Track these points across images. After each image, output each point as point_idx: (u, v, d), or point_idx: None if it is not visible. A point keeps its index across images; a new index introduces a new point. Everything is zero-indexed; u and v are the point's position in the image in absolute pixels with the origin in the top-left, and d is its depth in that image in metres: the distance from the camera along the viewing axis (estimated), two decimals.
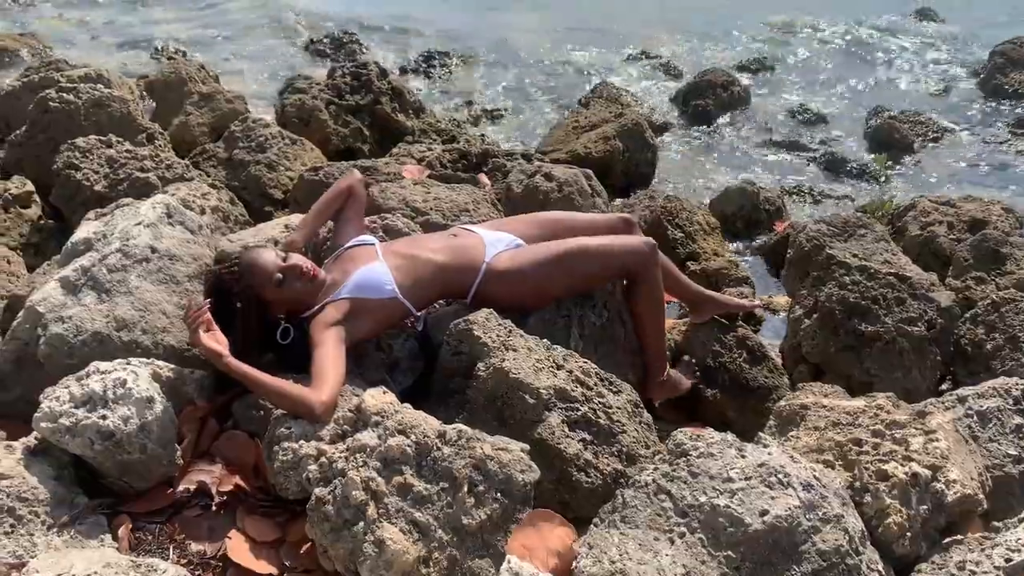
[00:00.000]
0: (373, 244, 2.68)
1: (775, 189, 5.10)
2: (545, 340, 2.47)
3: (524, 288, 2.62)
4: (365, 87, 5.18)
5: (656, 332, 2.74)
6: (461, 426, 2.03)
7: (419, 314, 2.61)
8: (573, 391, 2.33)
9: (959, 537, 2.12)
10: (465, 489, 1.92)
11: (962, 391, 2.55)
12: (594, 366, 2.46)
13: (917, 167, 5.94)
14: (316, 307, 2.47)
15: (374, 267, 2.53)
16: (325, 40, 7.98)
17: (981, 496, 2.18)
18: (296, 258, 2.47)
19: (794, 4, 9.87)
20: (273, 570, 2.00)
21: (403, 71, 7.28)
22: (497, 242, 2.70)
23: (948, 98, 7.30)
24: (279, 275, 2.42)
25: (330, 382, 2.18)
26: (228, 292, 2.40)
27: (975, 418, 2.44)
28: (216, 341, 2.22)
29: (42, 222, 3.74)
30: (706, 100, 6.63)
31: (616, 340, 2.76)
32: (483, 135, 5.81)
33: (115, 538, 2.00)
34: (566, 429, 2.26)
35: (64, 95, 4.04)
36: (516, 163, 4.38)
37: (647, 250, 2.66)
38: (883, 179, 5.69)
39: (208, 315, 2.24)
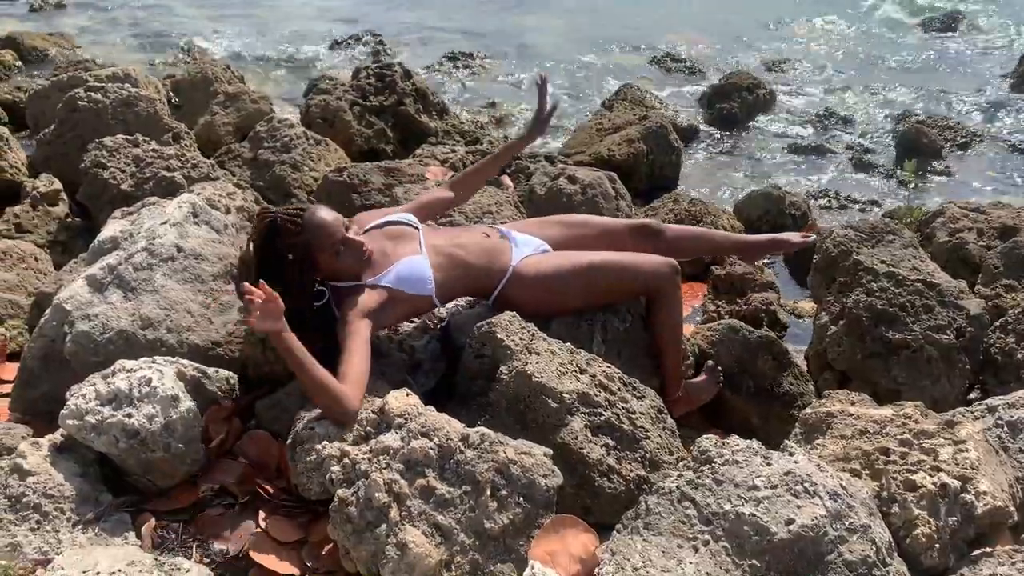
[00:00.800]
0: (417, 230, 2.65)
1: (801, 193, 5.05)
2: (568, 344, 2.46)
3: (546, 295, 2.62)
4: (389, 88, 5.18)
5: (674, 351, 2.72)
6: (484, 430, 2.03)
7: (442, 309, 2.61)
8: (596, 396, 2.31)
9: (988, 550, 2.08)
10: (488, 493, 1.91)
11: (992, 400, 2.51)
12: (617, 371, 2.44)
13: (946, 172, 5.87)
14: (353, 283, 2.45)
15: (418, 261, 2.51)
16: (350, 41, 8.01)
17: (1012, 508, 2.14)
18: (356, 233, 2.44)
19: (821, 8, 9.79)
20: (295, 571, 2.00)
21: (427, 71, 7.29)
22: (525, 245, 2.69)
23: (977, 103, 7.21)
24: (341, 246, 2.39)
25: (361, 383, 2.17)
26: (282, 240, 2.35)
27: (1005, 428, 2.40)
28: (273, 312, 2.09)
29: (69, 220, 3.79)
30: (731, 103, 6.59)
31: (639, 345, 2.74)
32: (506, 137, 5.80)
33: (139, 536, 2.01)
34: (589, 434, 2.24)
35: (92, 94, 4.09)
36: (539, 165, 4.37)
37: (669, 271, 2.65)
38: (911, 185, 5.62)
39: (262, 296, 2.08)
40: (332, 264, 2.40)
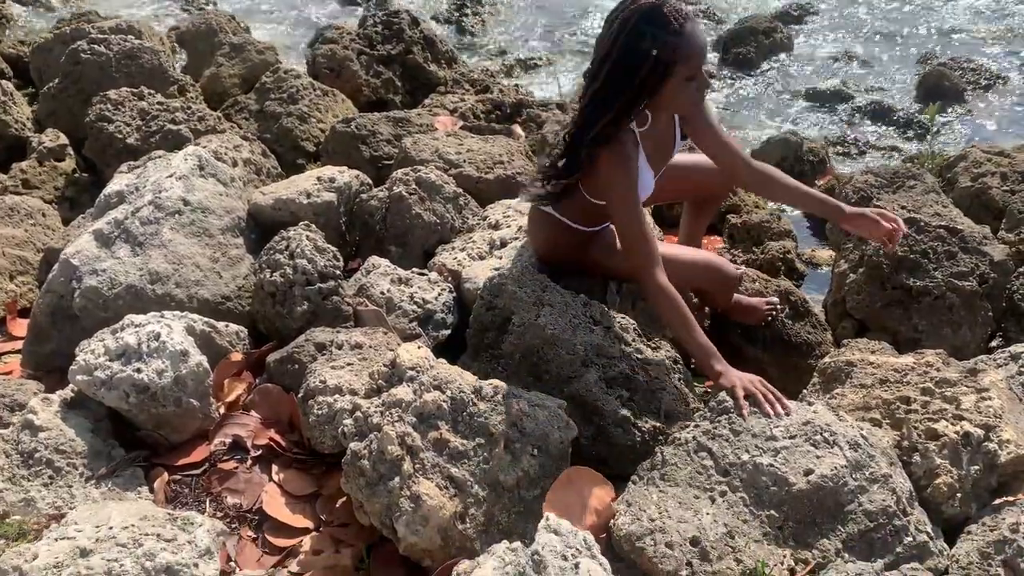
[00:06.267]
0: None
1: (819, 140, 4.94)
2: (582, 296, 2.41)
3: (607, 263, 2.55)
4: (396, 36, 5.07)
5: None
6: (497, 382, 2.00)
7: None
8: (611, 347, 2.27)
9: (1011, 498, 2.05)
10: (502, 445, 1.89)
11: (1015, 348, 2.45)
12: (632, 322, 2.40)
13: (968, 116, 5.72)
14: (639, 130, 2.26)
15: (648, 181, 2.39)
16: None
17: None
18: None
19: None
20: (308, 524, 2.00)
21: (435, 20, 7.13)
22: None
23: (1001, 43, 7.00)
24: (699, 76, 2.16)
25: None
26: (657, 30, 2.06)
27: None
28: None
29: (76, 175, 3.74)
30: (747, 47, 6.42)
31: None
32: (517, 85, 5.69)
33: (152, 491, 2.01)
34: (604, 386, 2.21)
35: (95, 47, 4.01)
36: (551, 113, 4.28)
37: (732, 283, 2.60)
38: (933, 129, 5.48)
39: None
40: (671, 93, 2.15)
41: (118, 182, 2.83)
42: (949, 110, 5.72)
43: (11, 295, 2.94)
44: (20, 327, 2.79)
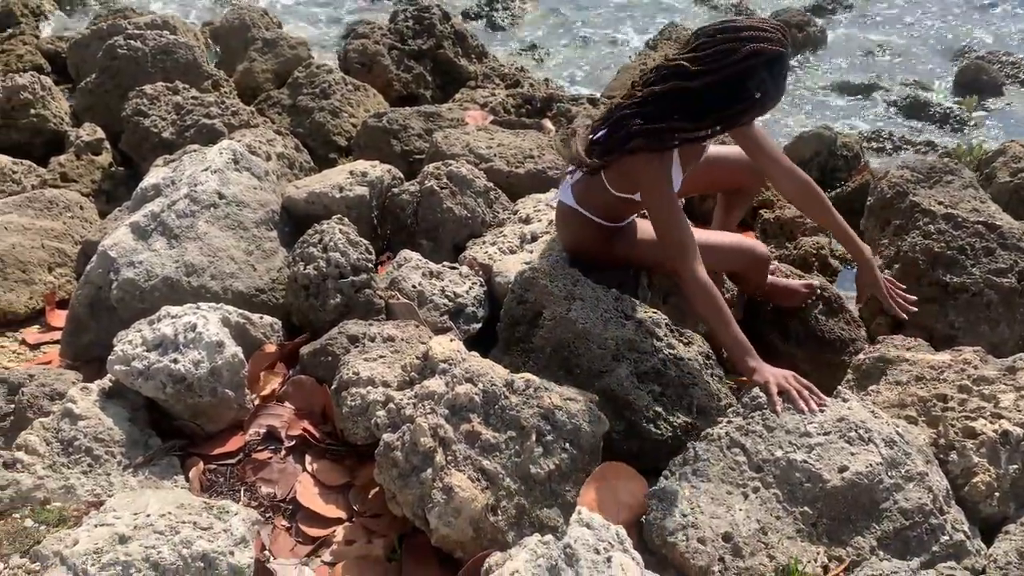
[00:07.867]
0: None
1: (853, 134, 4.87)
2: (613, 290, 2.40)
3: (630, 255, 2.54)
4: (427, 31, 5.08)
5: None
6: (529, 375, 2.00)
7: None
8: (642, 342, 2.26)
9: None
10: (533, 438, 1.89)
11: None
12: (664, 316, 2.39)
13: (1007, 110, 5.61)
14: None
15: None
16: None
17: None
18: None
19: None
20: (341, 514, 2.01)
21: (465, 15, 7.13)
22: None
23: None
24: (761, 100, 2.14)
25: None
26: (767, 81, 2.09)
27: None
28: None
29: (113, 168, 3.80)
30: None
31: None
32: (547, 79, 5.68)
33: (188, 479, 2.04)
34: (635, 380, 2.20)
35: (131, 42, 4.06)
36: (582, 107, 4.26)
37: (764, 263, 2.59)
38: (971, 123, 5.38)
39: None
40: (748, 120, 2.24)
41: (154, 175, 2.87)
42: (987, 104, 5.63)
43: (50, 286, 2.99)
44: (59, 318, 2.84)
